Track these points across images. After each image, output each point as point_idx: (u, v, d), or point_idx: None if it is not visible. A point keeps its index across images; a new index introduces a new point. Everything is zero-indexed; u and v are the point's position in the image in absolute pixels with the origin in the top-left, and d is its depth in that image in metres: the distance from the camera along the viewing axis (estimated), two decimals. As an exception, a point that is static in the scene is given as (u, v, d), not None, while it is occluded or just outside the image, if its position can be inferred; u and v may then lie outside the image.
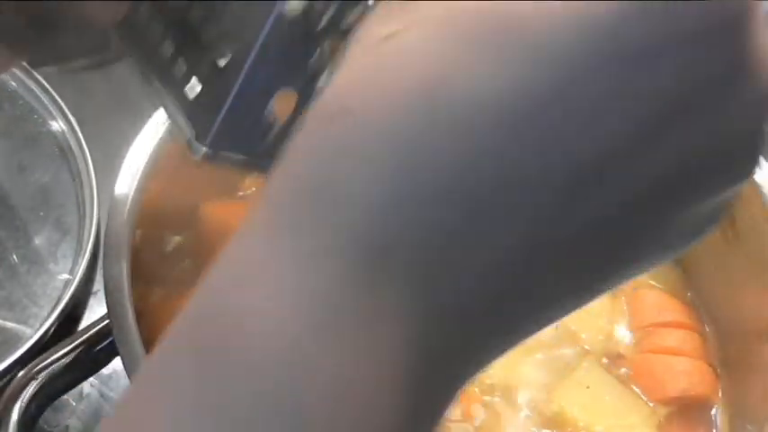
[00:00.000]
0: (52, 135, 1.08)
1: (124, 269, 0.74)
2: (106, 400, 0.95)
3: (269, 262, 0.31)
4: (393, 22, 0.32)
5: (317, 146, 0.31)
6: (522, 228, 0.31)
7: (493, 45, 0.30)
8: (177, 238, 0.92)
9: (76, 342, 0.75)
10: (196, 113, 0.53)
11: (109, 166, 0.83)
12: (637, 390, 0.90)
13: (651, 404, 0.89)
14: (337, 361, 0.30)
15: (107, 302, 0.72)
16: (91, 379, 0.92)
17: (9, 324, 0.95)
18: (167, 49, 0.54)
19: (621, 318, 0.95)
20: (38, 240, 1.01)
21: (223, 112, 0.50)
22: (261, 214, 0.33)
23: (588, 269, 0.34)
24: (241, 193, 0.98)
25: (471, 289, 0.31)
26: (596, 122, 0.30)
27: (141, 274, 0.80)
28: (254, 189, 0.98)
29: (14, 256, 1.00)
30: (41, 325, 0.92)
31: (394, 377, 0.30)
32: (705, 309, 0.96)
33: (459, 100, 0.30)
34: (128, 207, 0.76)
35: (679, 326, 0.94)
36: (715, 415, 0.91)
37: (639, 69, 0.30)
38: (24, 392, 0.72)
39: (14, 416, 0.71)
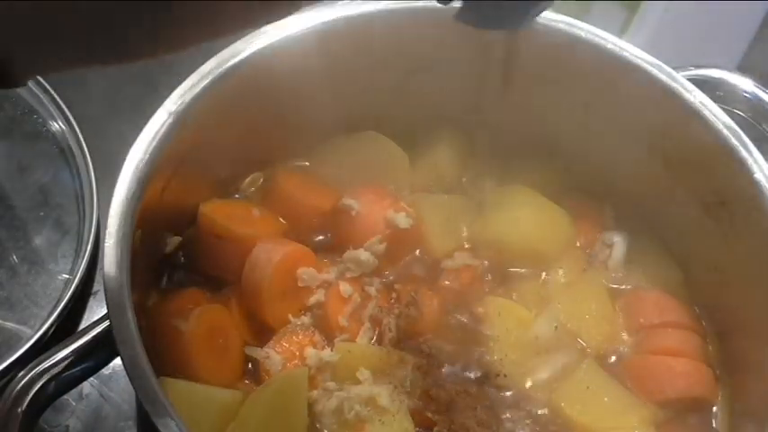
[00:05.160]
0: (52, 135, 1.08)
1: (124, 270, 0.74)
2: (106, 400, 0.96)
3: None
4: None
5: None
6: None
7: None
8: (177, 238, 0.92)
9: (76, 342, 0.75)
10: None
11: (109, 166, 0.83)
12: (636, 391, 0.90)
13: (650, 405, 0.89)
14: None
15: (107, 302, 0.72)
16: (91, 379, 0.92)
17: (9, 324, 0.96)
18: None
19: (621, 318, 0.95)
20: (38, 240, 1.01)
21: None
22: None
23: None
24: (238, 195, 0.98)
25: None
26: None
27: (141, 274, 0.80)
28: (253, 189, 0.99)
29: (14, 256, 1.00)
30: (41, 325, 0.93)
31: None
32: (705, 309, 0.96)
33: None
34: (128, 207, 0.76)
35: (679, 326, 0.94)
36: (714, 416, 0.91)
37: None
38: (24, 393, 0.72)
39: (15, 416, 0.71)
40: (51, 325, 0.92)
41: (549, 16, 0.90)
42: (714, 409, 0.91)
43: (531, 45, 0.91)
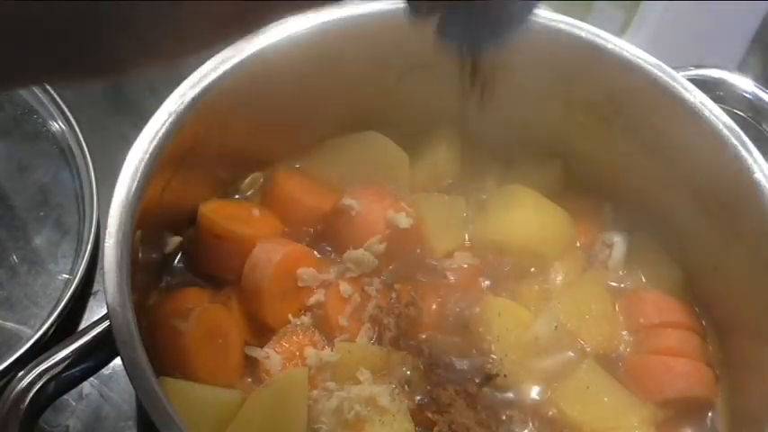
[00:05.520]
0: (52, 135, 1.08)
1: (124, 269, 0.74)
2: (106, 400, 0.95)
3: None
4: None
5: None
6: None
7: None
8: (177, 238, 0.92)
9: (76, 342, 0.75)
10: None
11: (109, 166, 0.83)
12: (636, 391, 0.90)
13: (650, 405, 0.89)
14: None
15: (107, 303, 0.72)
16: (91, 379, 0.92)
17: (9, 324, 0.96)
18: None
19: (621, 318, 0.95)
20: (38, 240, 1.01)
21: None
22: None
23: None
24: (238, 195, 0.98)
25: None
26: None
27: (141, 274, 0.80)
28: (252, 189, 0.99)
29: (14, 256, 1.00)
30: (41, 325, 0.93)
31: None
32: (705, 309, 0.96)
33: None
34: (128, 207, 0.76)
35: (679, 326, 0.94)
36: (714, 416, 0.91)
37: None
38: (24, 393, 0.72)
39: (15, 416, 0.71)
40: (51, 325, 0.92)
41: (549, 16, 0.90)
42: (714, 409, 0.91)
43: (530, 45, 0.91)
